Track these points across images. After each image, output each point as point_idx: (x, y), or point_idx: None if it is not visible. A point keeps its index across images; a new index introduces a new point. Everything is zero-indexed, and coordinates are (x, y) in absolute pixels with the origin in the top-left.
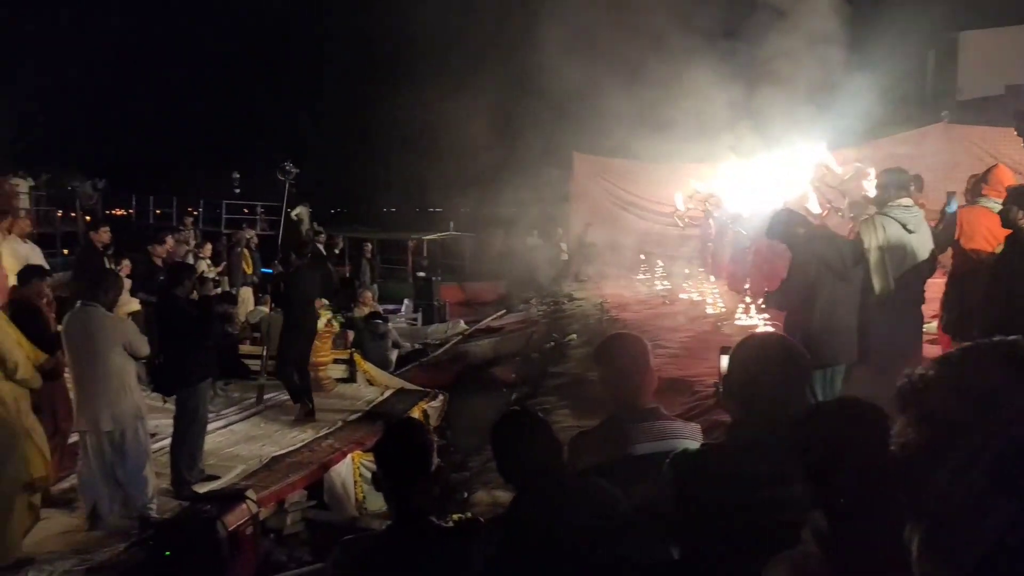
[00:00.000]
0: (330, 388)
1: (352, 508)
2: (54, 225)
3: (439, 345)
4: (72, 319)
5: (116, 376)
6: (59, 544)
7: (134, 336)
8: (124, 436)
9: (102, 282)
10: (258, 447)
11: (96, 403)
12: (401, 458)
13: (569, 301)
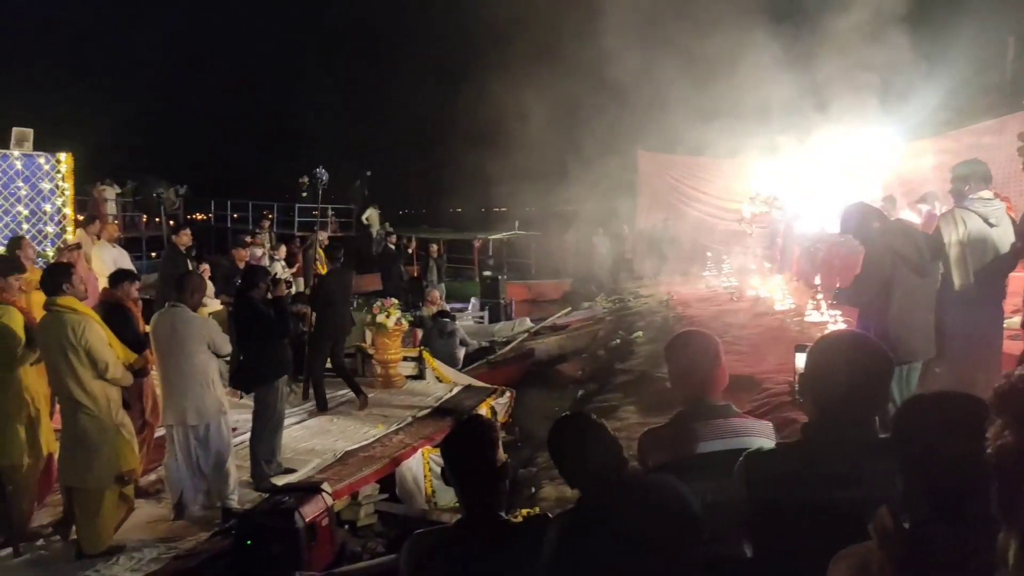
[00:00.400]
0: (400, 385)
1: (423, 502)
2: (139, 230)
3: (506, 343)
4: (160, 319)
5: (200, 373)
6: (147, 532)
7: (216, 335)
8: (208, 430)
9: (187, 284)
10: (331, 442)
11: (182, 399)
12: (468, 454)
13: (634, 298)
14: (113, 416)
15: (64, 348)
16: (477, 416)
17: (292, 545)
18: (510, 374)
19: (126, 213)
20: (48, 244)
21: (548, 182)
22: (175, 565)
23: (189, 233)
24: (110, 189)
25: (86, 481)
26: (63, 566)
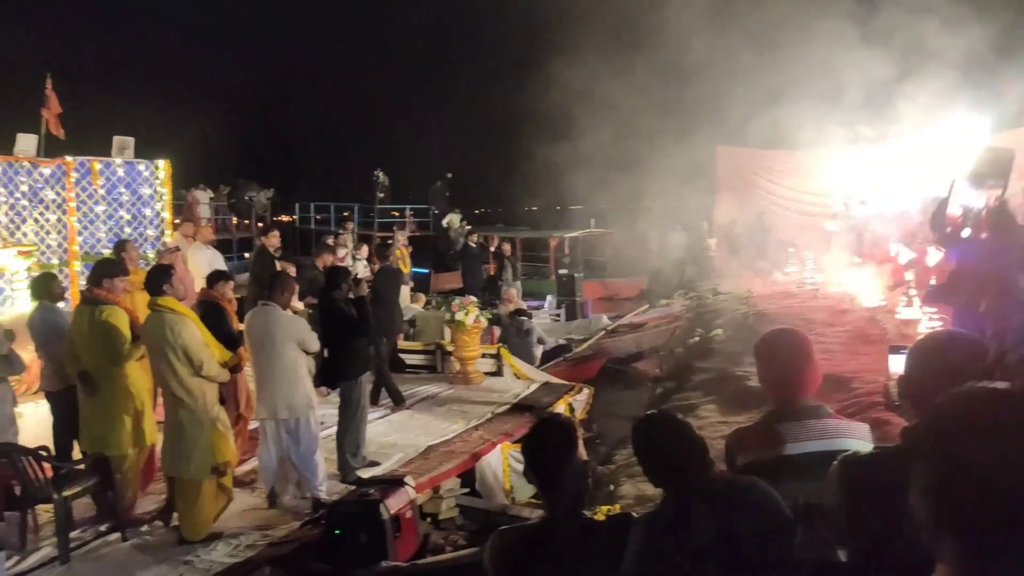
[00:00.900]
0: (479, 382)
1: (502, 496)
2: (231, 232)
3: (582, 340)
4: (252, 317)
5: (290, 369)
6: (242, 521)
7: (305, 332)
8: (298, 424)
9: (278, 283)
10: (413, 436)
11: (274, 394)
12: (549, 453)
13: (713, 295)
14: (210, 410)
15: (164, 346)
16: (557, 415)
17: (379, 536)
18: (587, 372)
19: (218, 216)
20: (149, 247)
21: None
22: (269, 552)
23: (278, 235)
24: (203, 193)
25: (186, 472)
26: (166, 551)
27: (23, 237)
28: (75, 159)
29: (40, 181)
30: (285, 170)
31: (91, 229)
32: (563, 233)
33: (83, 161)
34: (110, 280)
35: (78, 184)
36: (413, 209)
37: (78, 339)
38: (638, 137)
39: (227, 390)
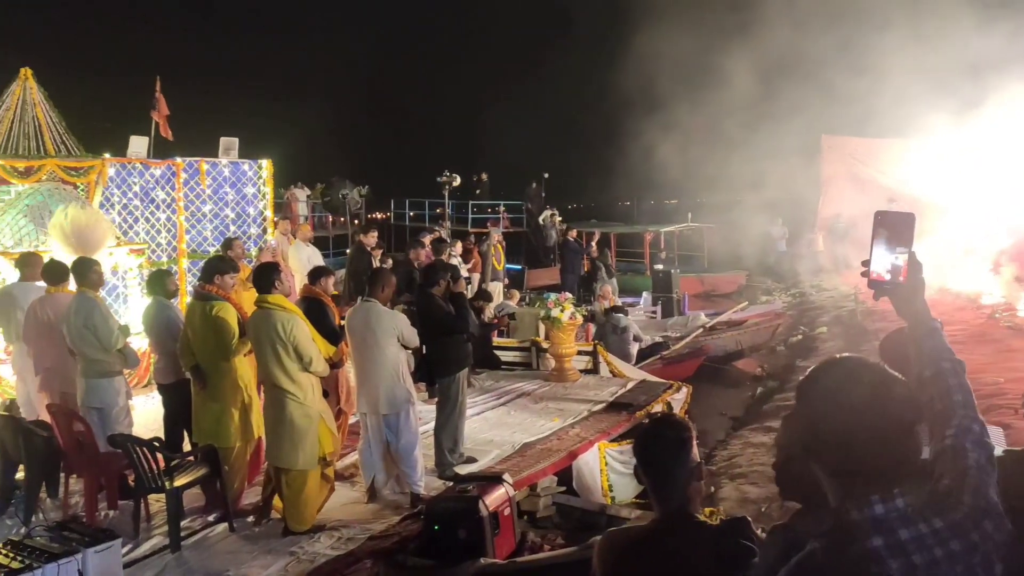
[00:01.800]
0: (574, 379)
1: (600, 496)
2: (327, 229)
3: (679, 338)
4: (354, 313)
5: (391, 364)
6: (343, 514)
7: (405, 328)
8: (398, 419)
9: (379, 279)
10: (509, 434)
11: (374, 389)
12: (662, 453)
13: (817, 291)
14: (317, 404)
15: (274, 341)
16: (670, 414)
17: (477, 532)
18: (684, 370)
19: (314, 214)
20: (252, 244)
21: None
22: (370, 545)
23: (375, 232)
24: (300, 191)
25: (295, 463)
26: (271, 541)
27: (135, 236)
28: (184, 160)
29: (151, 182)
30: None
31: (198, 228)
32: (659, 228)
33: (191, 162)
34: (220, 276)
35: (186, 184)
36: (507, 205)
37: (191, 334)
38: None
39: (328, 385)
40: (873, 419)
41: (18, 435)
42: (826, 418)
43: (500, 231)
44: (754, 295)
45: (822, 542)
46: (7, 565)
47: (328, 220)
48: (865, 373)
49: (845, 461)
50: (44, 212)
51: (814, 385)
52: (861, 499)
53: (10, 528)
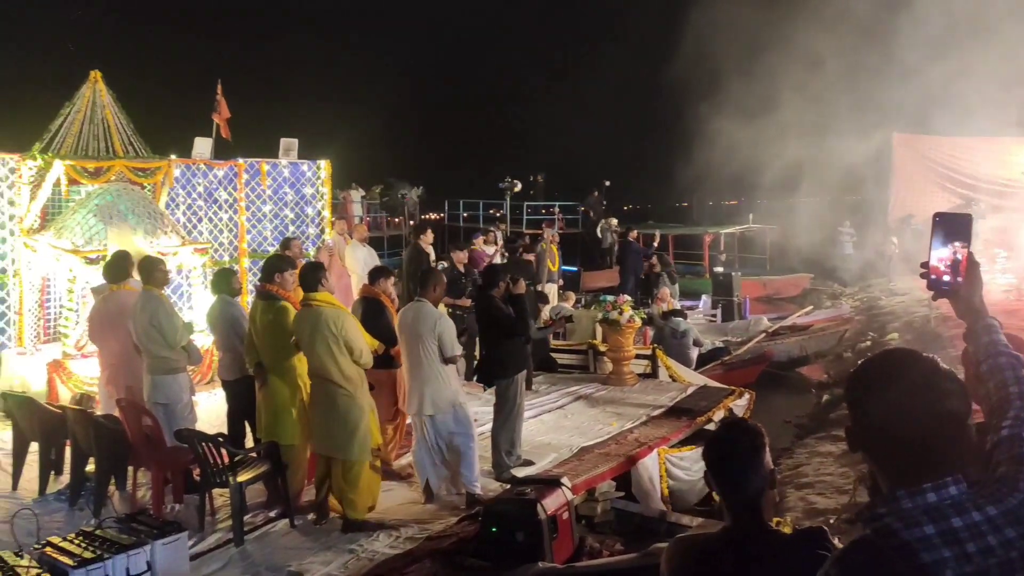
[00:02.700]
0: (632, 383)
1: (659, 502)
2: (381, 230)
3: (741, 343)
4: (405, 312)
5: (436, 365)
6: (401, 513)
7: (446, 334)
8: (445, 419)
9: (429, 279)
10: (567, 437)
11: (420, 389)
12: (734, 459)
13: (887, 296)
14: (366, 395)
15: (325, 337)
16: (742, 419)
17: (535, 535)
18: (746, 376)
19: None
20: (310, 244)
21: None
22: (428, 545)
23: (431, 234)
24: (356, 192)
25: (350, 453)
26: (331, 538)
27: (199, 235)
28: (246, 161)
29: (214, 182)
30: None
31: (258, 228)
32: (718, 229)
33: (253, 162)
34: (280, 275)
35: (248, 184)
36: (562, 206)
37: (254, 332)
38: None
39: (386, 384)
40: (923, 410)
41: (89, 428)
42: (875, 409)
43: (555, 232)
44: (819, 299)
45: (873, 529)
46: (80, 555)
47: (383, 221)
48: (915, 364)
49: (894, 452)
50: (113, 212)
51: (863, 376)
52: (913, 488)
53: (81, 519)
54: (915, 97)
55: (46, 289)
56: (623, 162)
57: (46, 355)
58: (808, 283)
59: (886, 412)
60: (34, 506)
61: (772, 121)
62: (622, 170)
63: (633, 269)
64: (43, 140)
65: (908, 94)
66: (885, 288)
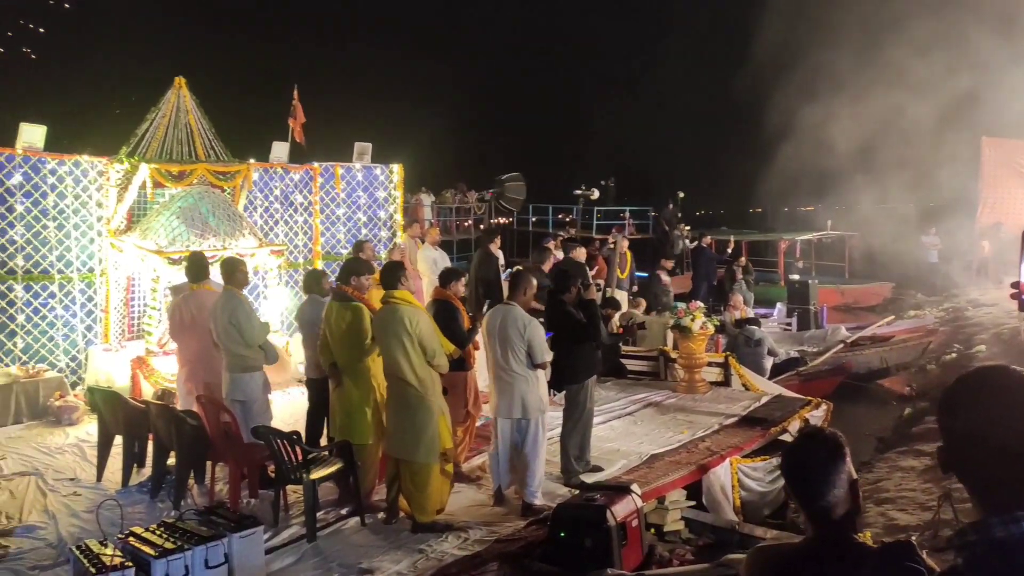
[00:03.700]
0: (704, 391)
1: (731, 513)
2: (450, 234)
3: (818, 353)
4: (493, 315)
5: (526, 369)
6: (469, 515)
7: (537, 340)
8: (529, 424)
9: (520, 283)
10: (636, 444)
11: (509, 393)
12: (816, 468)
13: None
14: (438, 398)
15: (400, 335)
16: (821, 428)
17: (604, 542)
18: (823, 387)
19: (439, 218)
20: (381, 247)
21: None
22: (497, 548)
23: (499, 240)
24: (426, 196)
25: (416, 455)
26: (400, 537)
27: (275, 237)
28: (321, 165)
29: (291, 186)
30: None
31: (332, 230)
32: (794, 235)
33: (327, 166)
34: (357, 277)
35: (322, 188)
36: (633, 211)
37: (328, 332)
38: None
39: (456, 386)
40: (1019, 430)
41: (171, 423)
42: (968, 428)
43: (624, 237)
44: (901, 309)
45: (965, 557)
46: (161, 545)
47: (452, 225)
48: (1009, 381)
49: (987, 475)
50: (195, 214)
51: (955, 394)
52: (1006, 515)
53: (161, 511)
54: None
55: (131, 288)
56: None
57: (130, 352)
58: (889, 292)
59: (979, 432)
60: (118, 497)
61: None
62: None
63: (706, 275)
64: (130, 144)
65: (998, 95)
66: (972, 299)
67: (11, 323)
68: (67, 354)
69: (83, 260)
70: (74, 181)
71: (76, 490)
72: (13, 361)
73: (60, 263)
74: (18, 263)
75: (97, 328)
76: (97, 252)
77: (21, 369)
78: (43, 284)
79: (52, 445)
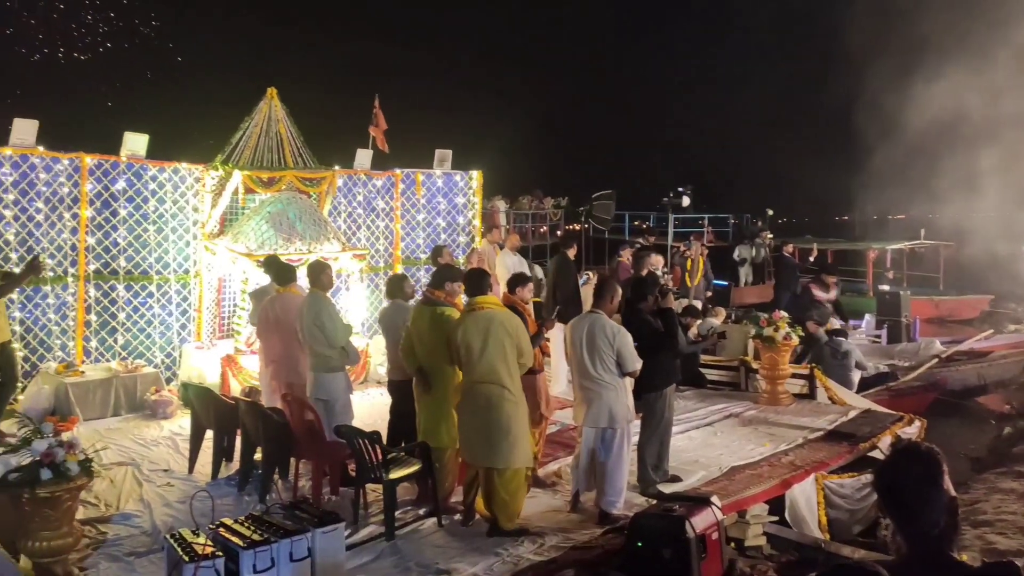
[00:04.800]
0: (787, 403)
1: (816, 530)
2: (526, 240)
3: (909, 368)
4: (578, 323)
5: (615, 378)
6: (545, 521)
7: (626, 349)
8: (614, 434)
9: (606, 291)
10: (716, 455)
11: (597, 401)
12: (913, 485)
13: None
14: (525, 402)
15: (501, 339)
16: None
17: (683, 553)
18: (915, 404)
19: (515, 224)
20: (460, 252)
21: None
22: (573, 555)
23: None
24: (501, 202)
25: (513, 461)
26: (476, 540)
27: (357, 242)
28: (402, 171)
29: (373, 192)
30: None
31: (412, 235)
32: (884, 244)
33: (408, 173)
34: (450, 283)
35: (403, 194)
36: (711, 218)
37: (416, 337)
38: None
39: (529, 391)
40: None
41: (258, 420)
42: None
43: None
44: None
45: None
46: (249, 537)
47: (528, 231)
48: None
49: None
50: (283, 219)
51: None
52: None
53: (248, 504)
54: None
55: (222, 289)
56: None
57: (220, 350)
58: (988, 305)
59: None
60: (208, 489)
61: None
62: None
63: (787, 284)
64: (224, 152)
65: None
66: None
67: (112, 321)
68: (162, 351)
69: (179, 262)
70: (173, 187)
71: (169, 481)
72: (114, 357)
73: (158, 264)
74: (120, 264)
75: (191, 327)
76: (192, 254)
77: (120, 364)
78: (142, 284)
79: (147, 437)
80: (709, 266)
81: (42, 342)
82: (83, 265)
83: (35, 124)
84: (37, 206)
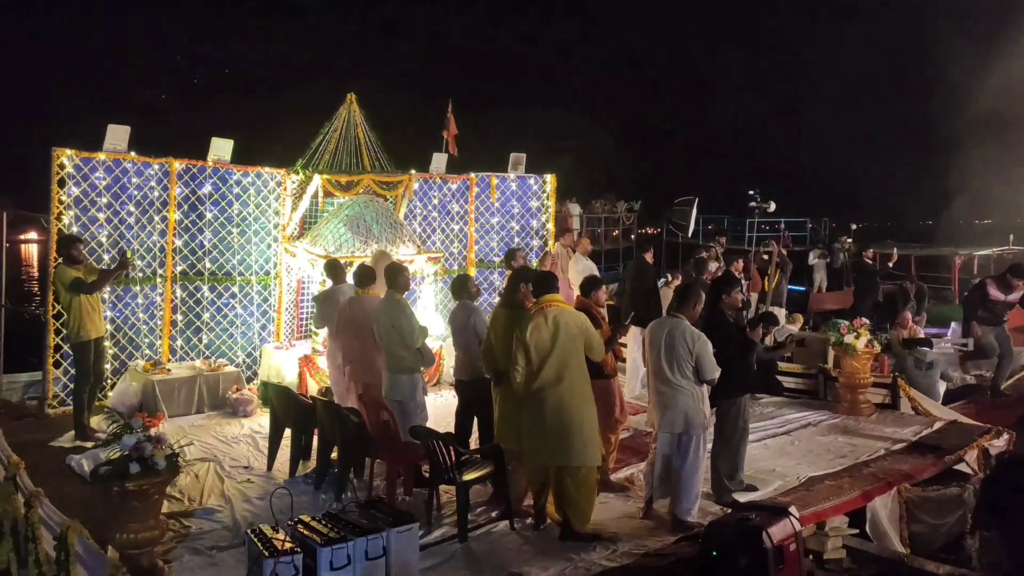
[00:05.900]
0: (867, 413)
1: (898, 544)
2: (600, 243)
3: None
4: (656, 327)
5: (692, 384)
6: (616, 527)
7: (705, 356)
8: (690, 440)
9: (690, 295)
10: (793, 464)
11: (673, 406)
12: (1017, 500)
13: None
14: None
15: (574, 336)
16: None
17: (759, 564)
18: (1005, 417)
19: (588, 228)
20: (533, 256)
21: None
22: (645, 562)
23: (652, 251)
24: (574, 206)
25: (586, 459)
26: (548, 544)
27: (432, 245)
28: (477, 175)
29: (448, 195)
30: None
31: (486, 239)
32: (971, 250)
33: (483, 176)
34: (527, 285)
35: (477, 197)
36: (788, 222)
37: (495, 340)
38: None
39: (600, 394)
40: None
41: (335, 419)
42: None
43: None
44: None
45: None
46: (326, 534)
47: (600, 235)
48: None
49: None
50: (360, 222)
51: None
52: None
53: (324, 502)
54: None
55: (301, 290)
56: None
57: (298, 350)
58: None
59: None
60: (287, 486)
61: None
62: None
63: (867, 291)
64: (305, 156)
65: None
66: None
67: (197, 320)
68: (244, 350)
69: (260, 264)
70: (256, 191)
71: (249, 477)
72: (198, 356)
73: (241, 266)
74: (205, 265)
75: (271, 327)
76: (273, 256)
77: (204, 363)
78: (225, 285)
79: (229, 434)
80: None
81: (131, 340)
82: (170, 266)
83: (127, 130)
84: (129, 209)
